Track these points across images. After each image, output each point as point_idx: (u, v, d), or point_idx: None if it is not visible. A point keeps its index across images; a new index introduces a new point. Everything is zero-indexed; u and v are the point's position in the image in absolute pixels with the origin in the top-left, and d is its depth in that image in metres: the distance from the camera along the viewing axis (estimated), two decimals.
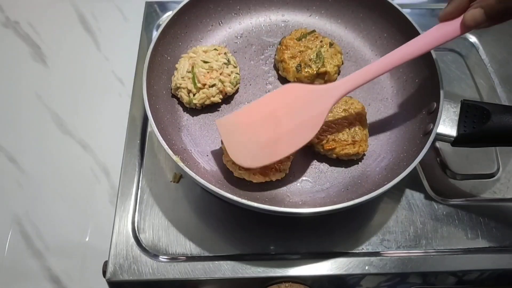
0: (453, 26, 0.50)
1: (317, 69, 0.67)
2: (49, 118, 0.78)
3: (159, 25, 0.78)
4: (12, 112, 0.79)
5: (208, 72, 0.64)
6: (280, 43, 0.71)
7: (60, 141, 0.76)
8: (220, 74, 0.65)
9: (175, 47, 0.69)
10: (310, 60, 0.68)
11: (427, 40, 0.53)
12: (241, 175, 0.59)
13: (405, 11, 0.68)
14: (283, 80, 0.71)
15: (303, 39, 0.69)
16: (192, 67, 0.65)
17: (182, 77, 0.64)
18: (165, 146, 0.55)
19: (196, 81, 0.64)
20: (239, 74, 0.68)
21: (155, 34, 0.64)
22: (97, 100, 0.80)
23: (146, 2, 0.84)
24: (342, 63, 0.70)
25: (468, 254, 0.61)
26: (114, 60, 0.84)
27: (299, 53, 0.68)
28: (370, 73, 0.55)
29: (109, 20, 0.89)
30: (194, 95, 0.64)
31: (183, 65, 0.65)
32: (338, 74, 0.71)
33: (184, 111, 0.66)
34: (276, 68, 0.71)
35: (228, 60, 0.67)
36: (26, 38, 0.87)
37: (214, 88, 0.65)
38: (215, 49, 0.67)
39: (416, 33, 0.66)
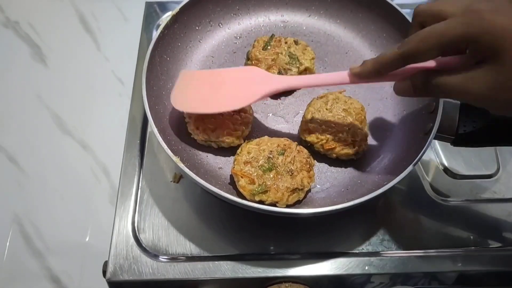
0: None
1: (297, 69, 0.67)
2: (49, 118, 0.78)
3: (159, 25, 0.77)
4: (12, 112, 0.79)
5: None
6: (248, 59, 0.70)
7: (60, 141, 0.76)
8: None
9: (174, 47, 0.69)
10: (287, 64, 0.68)
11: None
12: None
13: (405, 11, 0.68)
14: None
15: (268, 47, 0.69)
16: None
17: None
18: (165, 147, 0.55)
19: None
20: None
21: (154, 35, 0.64)
22: (97, 100, 0.80)
23: (146, 2, 0.84)
24: (314, 55, 0.70)
25: (468, 254, 0.61)
26: (114, 60, 0.84)
27: (272, 62, 0.68)
28: (308, 81, 0.59)
29: (109, 20, 0.89)
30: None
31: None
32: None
33: (184, 111, 0.66)
34: None
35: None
36: (26, 38, 0.87)
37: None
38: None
39: None
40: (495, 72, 0.40)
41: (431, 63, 0.46)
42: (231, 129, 0.62)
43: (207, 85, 0.61)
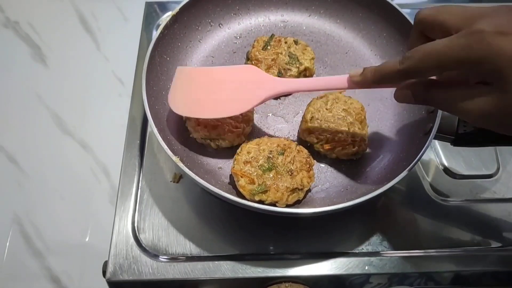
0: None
1: (297, 69, 0.68)
2: (49, 118, 0.78)
3: (159, 25, 0.77)
4: (12, 112, 0.79)
5: None
6: (248, 59, 0.70)
7: (60, 141, 0.76)
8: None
9: (174, 47, 0.69)
10: (286, 64, 0.68)
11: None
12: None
13: (405, 11, 0.68)
14: None
15: (268, 47, 0.69)
16: None
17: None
18: (165, 147, 0.55)
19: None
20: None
21: (154, 35, 0.64)
22: (97, 100, 0.80)
23: (146, 2, 0.84)
24: (314, 55, 0.70)
25: (468, 254, 0.61)
26: (114, 60, 0.84)
27: (272, 62, 0.68)
28: (309, 85, 0.58)
29: (109, 20, 0.89)
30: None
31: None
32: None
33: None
34: None
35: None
36: (26, 38, 0.87)
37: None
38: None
39: None
40: (497, 96, 0.38)
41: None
42: (232, 126, 0.62)
43: (205, 87, 0.60)
